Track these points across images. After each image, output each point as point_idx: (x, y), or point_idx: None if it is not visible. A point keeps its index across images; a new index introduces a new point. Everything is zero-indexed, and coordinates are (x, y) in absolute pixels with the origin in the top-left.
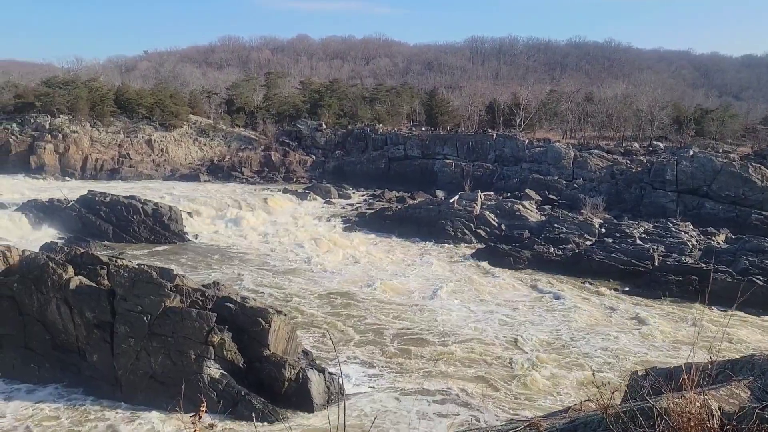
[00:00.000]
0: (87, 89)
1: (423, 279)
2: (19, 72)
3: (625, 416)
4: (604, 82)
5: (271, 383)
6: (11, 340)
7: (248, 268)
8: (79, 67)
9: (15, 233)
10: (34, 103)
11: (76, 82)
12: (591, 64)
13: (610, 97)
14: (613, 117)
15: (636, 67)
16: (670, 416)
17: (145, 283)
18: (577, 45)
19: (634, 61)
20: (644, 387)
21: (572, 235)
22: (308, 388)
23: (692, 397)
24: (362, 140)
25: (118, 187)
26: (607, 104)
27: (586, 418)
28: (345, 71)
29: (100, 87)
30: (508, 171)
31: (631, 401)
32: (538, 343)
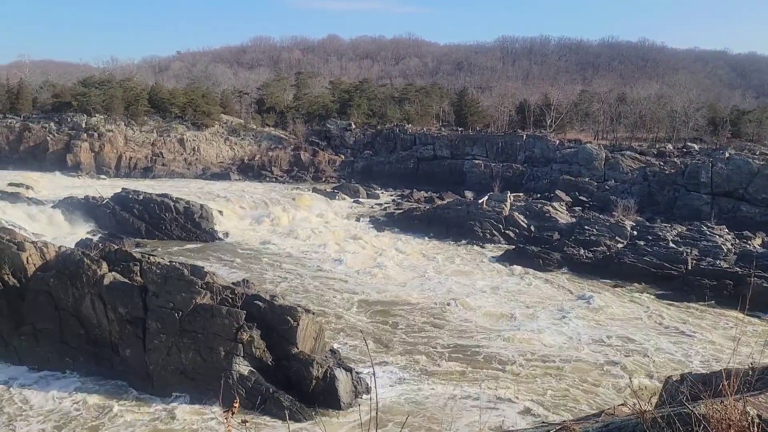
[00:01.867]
0: (122, 89)
1: (459, 284)
2: (57, 72)
3: (662, 421)
4: (638, 82)
5: (299, 381)
6: (47, 333)
7: (277, 267)
8: (115, 67)
9: (52, 230)
10: (71, 103)
11: (111, 82)
12: (624, 64)
13: (643, 98)
14: (647, 118)
15: (670, 68)
16: (709, 423)
17: (176, 280)
18: (609, 45)
19: (669, 61)
20: (681, 392)
21: (603, 237)
22: (335, 387)
23: (732, 404)
24: (391, 140)
25: (151, 185)
26: (640, 105)
27: (620, 423)
28: (375, 71)
29: (134, 87)
30: (538, 172)
31: (668, 406)
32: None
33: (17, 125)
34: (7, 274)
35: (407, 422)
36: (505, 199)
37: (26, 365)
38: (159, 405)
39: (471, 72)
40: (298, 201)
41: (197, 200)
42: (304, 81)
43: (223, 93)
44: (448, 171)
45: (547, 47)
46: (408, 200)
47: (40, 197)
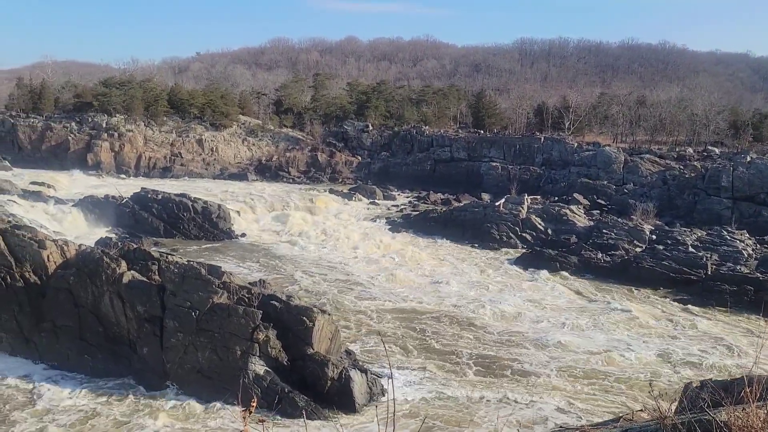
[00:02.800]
0: (142, 89)
1: (477, 286)
2: (79, 72)
3: (683, 428)
4: (658, 85)
5: (314, 382)
6: (67, 331)
7: (293, 267)
8: (135, 68)
9: (72, 228)
10: (92, 103)
11: (131, 83)
12: (644, 67)
13: (663, 101)
14: (667, 121)
15: (691, 70)
16: (730, 430)
17: (193, 279)
18: (629, 47)
19: (689, 64)
20: (701, 399)
21: (621, 241)
22: (350, 388)
23: (754, 411)
24: (408, 142)
25: (169, 184)
26: (660, 108)
27: (639, 429)
28: (392, 73)
29: (154, 87)
30: (555, 175)
31: (689, 413)
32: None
33: (40, 125)
34: (29, 272)
35: (424, 424)
36: (522, 201)
37: (46, 362)
38: (176, 403)
39: (489, 74)
40: (314, 202)
41: (215, 200)
42: (321, 82)
43: (241, 94)
44: (465, 173)
45: (565, 49)
46: (424, 202)
47: (61, 196)
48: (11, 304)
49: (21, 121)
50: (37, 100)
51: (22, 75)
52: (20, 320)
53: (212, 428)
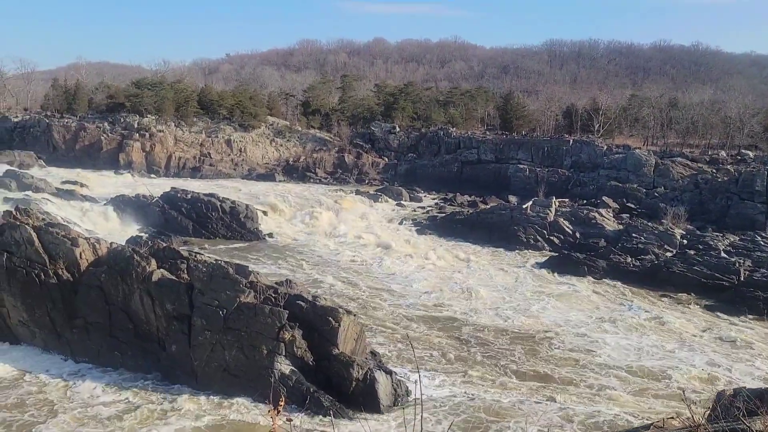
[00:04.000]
0: (173, 90)
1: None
2: (112, 74)
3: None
4: (690, 87)
5: (339, 382)
6: (98, 327)
7: (319, 267)
8: (166, 69)
9: (104, 226)
10: (124, 104)
11: (162, 84)
12: (676, 69)
13: (696, 103)
14: (699, 124)
15: (725, 72)
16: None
17: (221, 278)
18: (661, 48)
19: (723, 66)
20: (735, 407)
21: (651, 245)
22: (375, 389)
23: None
24: (435, 143)
25: (198, 184)
26: (692, 110)
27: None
28: (420, 74)
29: (184, 88)
30: (584, 177)
31: (722, 421)
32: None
33: (73, 125)
34: (62, 269)
35: (452, 426)
36: (550, 204)
37: (77, 357)
38: (204, 400)
39: (517, 75)
40: (341, 203)
41: (243, 200)
42: (349, 84)
43: (269, 95)
44: (492, 175)
45: (596, 50)
46: (451, 204)
47: (94, 195)
48: (45, 301)
49: (56, 122)
50: (71, 100)
51: (58, 76)
52: (53, 316)
53: (239, 426)
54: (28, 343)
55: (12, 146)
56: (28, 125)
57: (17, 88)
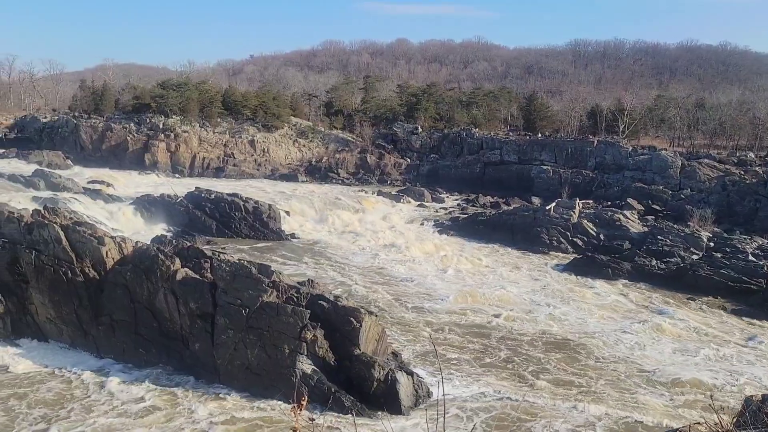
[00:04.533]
0: (197, 91)
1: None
2: (138, 75)
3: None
4: (718, 87)
5: (360, 383)
6: (123, 325)
7: (341, 268)
8: (191, 70)
9: (129, 225)
10: (150, 104)
11: (188, 85)
12: (703, 69)
13: (723, 104)
14: (727, 125)
15: (753, 72)
16: None
17: (244, 277)
18: (688, 48)
19: (752, 66)
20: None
21: (677, 248)
22: (396, 390)
23: None
24: (458, 144)
25: (222, 184)
26: (720, 111)
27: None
28: (443, 75)
29: (209, 89)
30: (608, 179)
31: (751, 427)
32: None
33: (100, 125)
34: (88, 267)
35: (475, 427)
36: (574, 206)
37: (103, 354)
38: (227, 398)
39: (541, 76)
40: (363, 203)
41: (266, 200)
42: (372, 84)
43: (293, 96)
44: (515, 176)
45: (621, 50)
46: (473, 205)
47: (119, 194)
48: (72, 298)
49: (83, 122)
50: (98, 101)
51: (85, 77)
52: (80, 314)
53: (261, 424)
54: (56, 339)
55: (41, 146)
56: (56, 126)
57: (46, 89)
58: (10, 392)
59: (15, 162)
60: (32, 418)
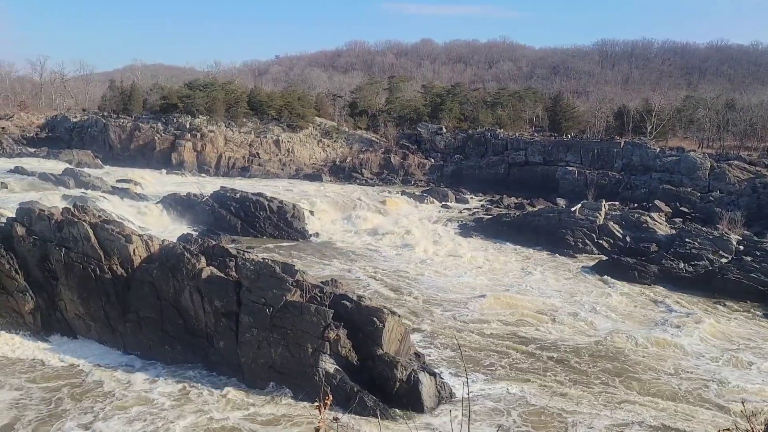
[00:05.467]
0: (224, 91)
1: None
2: (166, 75)
3: None
4: (749, 87)
5: (383, 383)
6: (150, 322)
7: (364, 268)
8: (218, 71)
9: (156, 224)
10: (177, 104)
11: (214, 85)
12: (734, 69)
13: (755, 104)
14: (758, 126)
15: None
16: None
17: (268, 276)
18: (718, 48)
19: None
20: None
21: (705, 251)
22: (419, 390)
23: None
24: (482, 145)
25: (247, 184)
26: (750, 112)
27: None
28: (467, 75)
29: (235, 89)
30: (635, 180)
31: None
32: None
33: (129, 125)
34: (116, 265)
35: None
36: (600, 207)
37: (130, 350)
38: (250, 396)
39: (567, 76)
40: (387, 204)
41: (290, 200)
42: (396, 85)
43: (317, 96)
44: (540, 177)
45: (649, 50)
46: (497, 206)
47: (147, 193)
48: (100, 295)
49: (112, 122)
50: (127, 101)
51: (114, 78)
52: (107, 310)
53: (285, 422)
54: (84, 335)
55: (71, 145)
56: (86, 125)
57: (76, 90)
58: (49, 385)
59: (46, 161)
60: (67, 410)
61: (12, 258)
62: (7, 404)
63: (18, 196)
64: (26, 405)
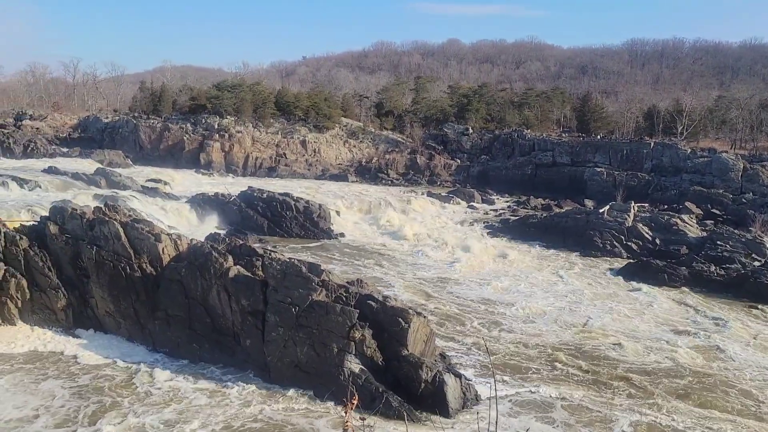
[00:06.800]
0: (251, 92)
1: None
2: (195, 76)
3: None
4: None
5: (408, 383)
6: (178, 320)
7: (390, 268)
8: (245, 72)
9: (185, 223)
10: (206, 105)
11: (242, 86)
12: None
13: None
14: None
15: None
16: None
17: (294, 276)
18: (752, 47)
19: None
20: None
21: (737, 254)
22: (444, 392)
23: None
24: (509, 145)
25: (274, 184)
26: None
27: None
28: (494, 75)
29: (262, 90)
30: (665, 182)
31: None
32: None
33: (158, 126)
34: (146, 263)
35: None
36: (629, 209)
37: (159, 348)
38: (276, 394)
39: (596, 76)
40: (412, 204)
41: (316, 200)
42: (423, 85)
43: (344, 97)
44: (567, 178)
45: (680, 50)
46: (524, 207)
47: (176, 193)
48: (130, 293)
49: (142, 122)
50: (157, 102)
51: (145, 79)
52: (137, 308)
53: (312, 420)
54: (114, 332)
55: (103, 145)
56: (117, 126)
57: (108, 91)
58: (81, 380)
59: (78, 160)
60: (99, 405)
61: (45, 256)
62: (40, 398)
63: (51, 195)
64: (59, 399)
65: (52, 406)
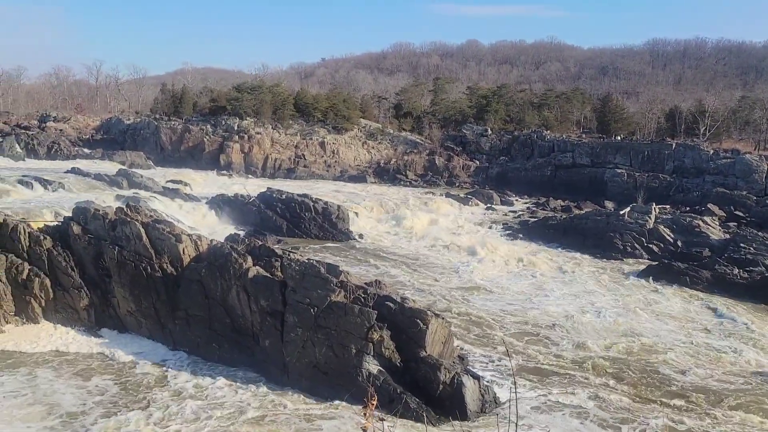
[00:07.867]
0: (271, 94)
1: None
2: (215, 78)
3: None
4: None
5: (426, 385)
6: (198, 320)
7: (408, 269)
8: (265, 74)
9: (205, 224)
10: (226, 107)
11: (261, 88)
12: None
13: None
14: None
15: None
16: None
17: (313, 277)
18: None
19: None
20: None
21: (762, 256)
22: (462, 394)
23: None
24: (528, 146)
25: (292, 185)
26: None
27: None
28: (513, 76)
29: (282, 92)
30: (687, 183)
31: None
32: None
33: (179, 127)
34: (166, 263)
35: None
36: (650, 211)
37: (179, 347)
38: (295, 395)
39: (616, 77)
40: (431, 205)
41: (335, 201)
42: (441, 86)
43: (362, 98)
44: (587, 180)
45: (703, 50)
46: (543, 209)
47: (196, 194)
48: (150, 293)
49: (163, 124)
50: (177, 104)
51: (166, 81)
52: (158, 308)
53: (330, 422)
54: (135, 332)
55: (124, 147)
56: (138, 127)
57: (130, 93)
58: (103, 378)
59: (101, 162)
60: (122, 402)
61: (68, 255)
62: (64, 395)
63: (74, 196)
64: (82, 396)
65: (76, 403)
